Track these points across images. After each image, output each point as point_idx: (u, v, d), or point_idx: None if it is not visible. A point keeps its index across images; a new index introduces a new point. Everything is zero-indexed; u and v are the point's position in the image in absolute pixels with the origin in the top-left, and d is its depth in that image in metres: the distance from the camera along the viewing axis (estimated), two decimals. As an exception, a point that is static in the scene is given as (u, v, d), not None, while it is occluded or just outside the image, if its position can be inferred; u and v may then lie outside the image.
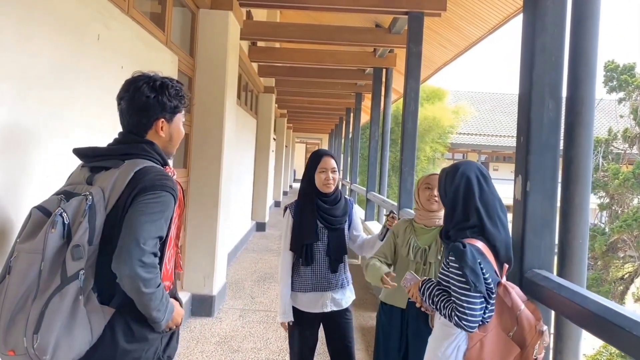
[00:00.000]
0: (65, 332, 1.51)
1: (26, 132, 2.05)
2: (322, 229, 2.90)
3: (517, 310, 1.91)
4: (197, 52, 5.10)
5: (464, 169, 2.10)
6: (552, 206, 2.30)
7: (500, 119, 31.76)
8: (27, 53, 2.02)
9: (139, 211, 1.62)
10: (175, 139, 1.90)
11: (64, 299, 1.50)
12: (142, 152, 1.75)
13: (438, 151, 22.36)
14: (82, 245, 1.54)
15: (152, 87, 1.77)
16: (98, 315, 1.59)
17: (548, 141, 2.29)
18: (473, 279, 1.84)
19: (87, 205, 1.57)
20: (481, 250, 1.93)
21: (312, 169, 2.93)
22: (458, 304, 1.89)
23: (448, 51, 7.55)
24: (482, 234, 1.98)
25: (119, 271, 1.59)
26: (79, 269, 1.53)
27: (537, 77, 2.30)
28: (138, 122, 1.78)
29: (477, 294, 1.85)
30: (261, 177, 11.71)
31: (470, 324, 1.87)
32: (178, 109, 1.85)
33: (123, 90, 1.80)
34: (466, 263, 1.85)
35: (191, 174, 5.20)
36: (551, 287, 2.03)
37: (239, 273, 7.26)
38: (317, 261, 2.91)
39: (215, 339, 4.60)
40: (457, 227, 2.05)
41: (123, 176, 1.65)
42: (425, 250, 2.63)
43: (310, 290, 2.91)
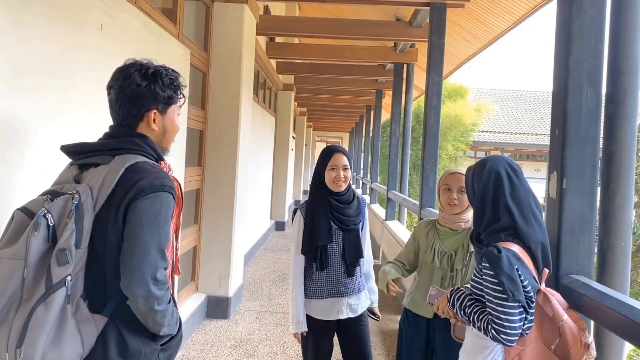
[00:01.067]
0: (53, 346, 1.36)
1: (19, 127, 1.91)
2: (337, 230, 2.71)
3: (559, 321, 1.71)
4: (211, 47, 4.97)
5: (492, 164, 1.90)
6: (591, 206, 2.08)
7: (524, 116, 31.19)
8: (18, 42, 1.89)
9: (144, 220, 1.48)
10: (169, 133, 1.73)
11: (50, 309, 1.35)
12: (133, 146, 1.59)
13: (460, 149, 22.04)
14: (68, 249, 1.39)
15: (144, 75, 1.61)
16: (89, 326, 1.44)
17: (587, 134, 2.08)
18: (511, 287, 1.65)
19: (74, 204, 1.42)
20: (518, 254, 1.73)
21: (322, 166, 2.74)
22: (495, 316, 1.70)
23: (471, 45, 7.30)
24: (516, 235, 1.78)
25: (130, 292, 1.47)
26: (65, 275, 1.38)
27: (574, 64, 2.09)
28: (128, 113, 1.61)
29: (515, 303, 1.66)
30: (280, 176, 11.59)
31: (509, 337, 1.67)
32: (172, 100, 1.68)
33: (113, 79, 1.64)
34: (502, 270, 1.66)
35: (206, 172, 5.07)
36: (592, 296, 1.82)
37: (256, 273, 7.14)
38: (332, 265, 2.72)
39: (230, 343, 4.46)
40: (488, 230, 1.85)
41: (113, 173, 1.49)
42: (452, 255, 2.45)
43: (326, 297, 2.72)
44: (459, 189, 2.45)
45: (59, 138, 2.14)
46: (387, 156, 10.15)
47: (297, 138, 16.47)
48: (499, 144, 28.45)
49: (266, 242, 9.72)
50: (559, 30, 2.17)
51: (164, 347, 1.63)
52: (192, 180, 4.71)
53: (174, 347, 1.69)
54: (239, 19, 4.95)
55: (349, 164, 2.72)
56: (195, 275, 5.09)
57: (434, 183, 5.25)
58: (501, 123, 29.78)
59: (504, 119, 30.28)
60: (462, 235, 2.47)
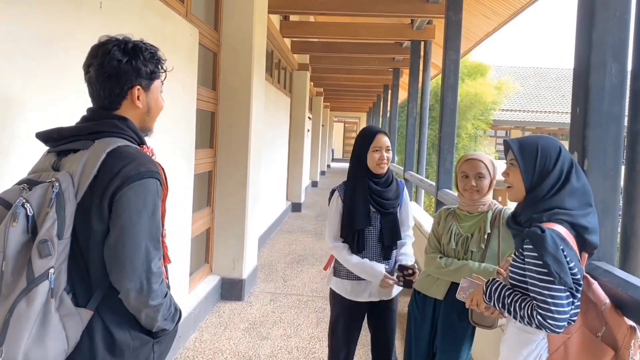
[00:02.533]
0: (36, 343, 1.30)
1: (11, 111, 1.85)
2: (375, 214, 2.67)
3: (601, 305, 1.61)
4: (222, 26, 4.87)
5: (564, 149, 1.76)
6: (614, 188, 1.97)
7: (546, 94, 30.54)
8: (7, 21, 1.81)
9: (132, 209, 1.40)
10: (153, 111, 1.63)
11: (32, 304, 1.28)
12: (113, 129, 1.49)
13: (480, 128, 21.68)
14: (50, 240, 1.31)
15: (124, 50, 1.51)
16: (74, 320, 1.37)
17: (610, 112, 1.96)
18: (556, 268, 1.53)
19: (54, 193, 1.34)
20: (562, 235, 1.60)
21: (363, 148, 2.66)
22: (540, 300, 1.58)
23: (490, 21, 7.09)
24: (572, 220, 1.66)
25: (122, 286, 1.40)
26: (48, 268, 1.31)
27: (597, 37, 1.97)
28: (110, 91, 1.52)
29: (562, 286, 1.55)
30: (296, 157, 11.51)
31: (557, 322, 1.56)
32: (155, 75, 1.59)
33: (90, 56, 1.53)
34: (547, 250, 1.55)
35: (218, 154, 5.02)
36: (615, 284, 1.73)
37: (272, 255, 7.12)
38: (368, 248, 2.68)
39: (244, 325, 4.44)
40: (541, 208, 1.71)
41: (94, 158, 1.41)
42: (468, 238, 2.41)
43: (357, 278, 2.69)
44: (477, 175, 2.40)
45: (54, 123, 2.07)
46: (405, 136, 9.99)
47: (314, 119, 16.36)
48: (519, 122, 27.95)
49: (282, 223, 9.70)
50: (582, 1, 2.04)
51: (157, 340, 1.56)
52: (204, 162, 4.66)
53: (168, 339, 1.61)
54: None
55: (390, 146, 2.68)
56: (209, 258, 5.07)
57: (451, 164, 5.13)
58: (522, 101, 29.22)
59: (525, 97, 29.69)
60: (479, 218, 2.43)
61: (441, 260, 2.45)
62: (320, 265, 6.57)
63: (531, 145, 1.78)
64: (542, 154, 1.74)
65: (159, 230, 1.47)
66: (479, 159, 2.43)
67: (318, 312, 4.88)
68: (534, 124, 28.15)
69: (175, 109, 3.37)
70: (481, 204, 2.44)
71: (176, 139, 3.50)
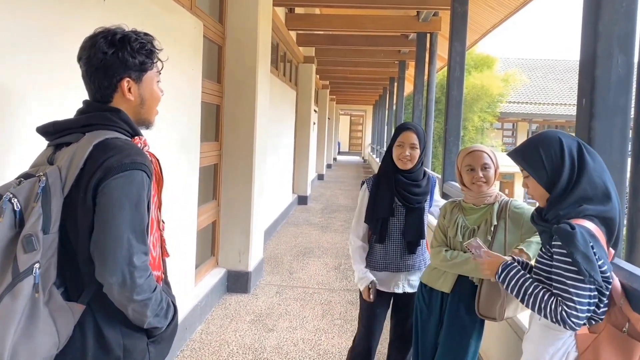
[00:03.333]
0: (24, 337, 1.29)
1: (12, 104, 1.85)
2: (400, 207, 2.71)
3: (619, 301, 1.61)
4: (226, 19, 4.86)
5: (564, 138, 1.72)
6: (620, 180, 1.96)
7: (553, 86, 30.34)
8: (9, 14, 1.81)
9: (114, 202, 1.36)
10: (149, 102, 1.59)
11: (17, 299, 1.27)
12: (105, 121, 1.47)
13: (487, 121, 21.60)
14: (35, 235, 1.30)
15: (111, 42, 1.47)
16: (64, 314, 1.36)
17: (616, 104, 1.95)
18: (587, 267, 1.52)
19: (40, 187, 1.33)
20: (592, 232, 1.59)
21: (392, 143, 2.75)
22: (566, 297, 1.58)
23: (497, 12, 7.03)
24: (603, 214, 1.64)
25: (104, 280, 1.36)
26: (32, 263, 1.29)
27: (604, 27, 1.95)
28: (100, 84, 1.49)
29: (591, 285, 1.54)
30: (302, 150, 11.51)
31: (579, 320, 1.57)
32: (146, 65, 1.55)
33: (81, 49, 1.51)
34: (577, 248, 1.53)
35: (223, 147, 5.02)
36: (621, 276, 1.72)
37: (278, 248, 7.13)
38: (391, 240, 2.74)
39: (250, 317, 4.46)
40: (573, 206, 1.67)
41: (81, 151, 1.39)
42: (474, 230, 2.40)
43: (382, 270, 2.76)
44: (483, 166, 2.38)
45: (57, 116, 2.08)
46: (410, 129, 9.94)
47: (320, 112, 16.34)
48: (526, 114, 27.80)
49: (288, 216, 9.71)
50: (588, -9, 2.02)
51: (152, 340, 1.52)
52: (210, 155, 4.67)
53: (165, 339, 1.58)
54: (255, -12, 4.82)
55: (418, 143, 2.68)
56: (215, 250, 5.10)
57: (456, 156, 5.11)
58: (529, 93, 29.04)
59: (532, 89, 29.50)
60: (485, 210, 2.41)
61: (447, 253, 2.45)
62: (326, 258, 6.59)
63: (532, 150, 1.76)
64: (545, 153, 1.72)
65: (143, 222, 1.43)
66: (481, 150, 2.42)
67: (324, 304, 4.89)
68: (541, 116, 27.99)
69: (179, 102, 3.38)
70: (487, 196, 2.42)
71: (181, 132, 3.50)
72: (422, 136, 2.70)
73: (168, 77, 1.67)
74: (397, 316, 2.88)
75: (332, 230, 8.57)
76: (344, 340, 4.05)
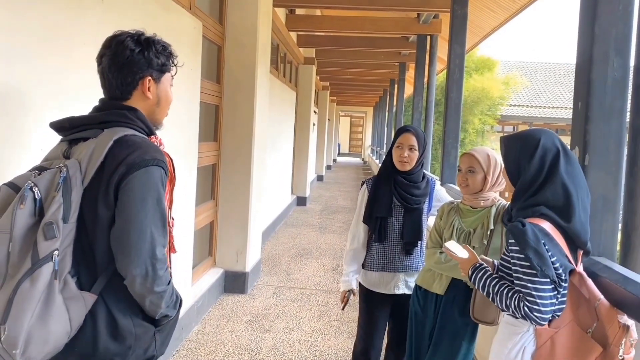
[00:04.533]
0: (39, 322, 1.32)
1: (14, 101, 1.86)
2: (398, 207, 2.74)
3: (595, 301, 1.62)
4: (226, 19, 4.86)
5: (546, 139, 1.72)
6: (615, 183, 1.96)
7: (554, 89, 30.33)
8: (11, 11, 1.82)
9: (137, 197, 1.43)
10: (163, 103, 1.67)
11: (36, 284, 1.31)
12: (122, 119, 1.53)
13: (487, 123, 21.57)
14: (55, 223, 1.34)
15: (137, 41, 1.56)
16: (77, 303, 1.40)
17: (612, 107, 1.95)
18: (538, 262, 1.56)
19: (61, 178, 1.37)
20: (546, 230, 1.62)
21: (392, 144, 2.78)
22: (526, 293, 1.62)
23: (497, 15, 7.04)
24: (562, 214, 1.65)
25: (128, 272, 1.43)
26: (52, 250, 1.34)
27: (600, 30, 1.95)
28: (122, 80, 1.56)
29: (545, 279, 1.57)
30: (302, 151, 11.51)
31: (542, 314, 1.60)
32: (166, 67, 1.64)
33: (104, 47, 1.58)
34: (527, 244, 1.58)
35: (222, 147, 5.02)
36: (614, 279, 1.72)
37: (276, 248, 7.13)
38: (390, 240, 2.75)
39: (246, 318, 4.46)
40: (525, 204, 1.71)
41: (101, 146, 1.44)
42: (470, 233, 2.39)
43: (381, 270, 2.77)
44: (467, 169, 2.38)
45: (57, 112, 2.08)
46: (410, 131, 9.94)
47: (320, 113, 16.34)
48: (527, 118, 27.76)
49: (287, 217, 9.71)
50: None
51: (159, 328, 1.58)
52: (208, 155, 4.67)
53: (169, 328, 1.64)
54: (255, -11, 4.83)
55: (417, 145, 2.70)
56: (213, 250, 5.09)
57: (455, 159, 5.12)
58: (530, 96, 29.03)
59: (533, 92, 29.49)
60: (482, 214, 2.40)
61: (441, 255, 2.45)
62: (323, 259, 6.58)
63: (510, 142, 1.81)
64: (520, 149, 1.76)
65: (164, 216, 1.50)
66: (472, 153, 2.41)
67: (321, 305, 4.89)
68: (541, 120, 27.96)
69: (179, 101, 3.36)
70: (483, 199, 2.40)
71: (180, 131, 3.50)
72: (421, 138, 2.72)
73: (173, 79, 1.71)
74: (394, 318, 2.88)
75: (331, 231, 8.56)
76: (341, 341, 4.05)
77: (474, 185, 2.37)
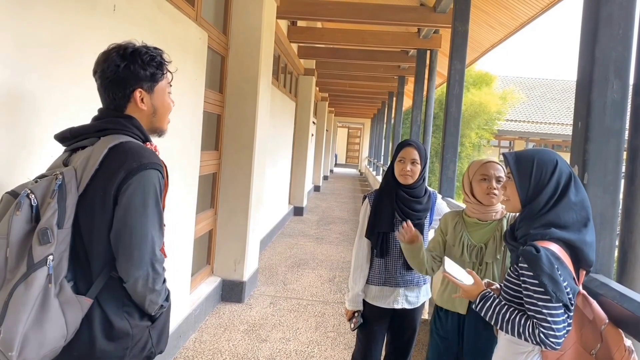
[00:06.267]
0: (35, 326, 1.35)
1: (25, 109, 1.89)
2: (400, 222, 2.68)
3: (601, 324, 1.63)
4: (230, 30, 4.92)
5: (562, 162, 1.74)
6: (613, 202, 2.00)
7: (551, 105, 30.58)
8: (26, 21, 1.86)
9: (137, 201, 1.48)
10: (160, 112, 1.70)
11: (30, 288, 1.35)
12: (118, 126, 1.57)
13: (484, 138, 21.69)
14: (50, 228, 1.38)
15: (122, 56, 1.58)
16: (73, 307, 1.43)
17: (611, 127, 1.99)
18: (553, 288, 1.56)
19: (57, 184, 1.42)
20: (557, 254, 1.62)
21: (394, 158, 2.78)
22: (540, 319, 1.60)
23: (497, 32, 7.13)
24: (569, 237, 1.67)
25: (130, 275, 1.48)
26: (47, 255, 1.38)
27: (600, 52, 2.00)
28: (114, 96, 1.60)
29: (558, 304, 1.58)
30: (300, 161, 11.54)
31: (557, 339, 1.59)
32: (157, 77, 1.65)
33: (96, 64, 1.62)
34: (543, 270, 1.57)
35: (223, 157, 5.05)
36: (611, 296, 1.76)
37: (273, 258, 7.14)
38: (391, 255, 2.75)
39: (243, 327, 4.47)
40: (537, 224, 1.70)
41: (96, 153, 1.49)
42: (482, 248, 2.30)
43: (382, 284, 2.77)
44: (497, 178, 2.30)
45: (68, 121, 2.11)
46: (408, 144, 10.00)
47: (318, 123, 16.40)
48: (524, 133, 27.96)
49: (284, 227, 9.72)
50: (586, 17, 2.08)
51: (153, 325, 1.63)
52: (209, 164, 4.70)
53: (162, 323, 1.68)
54: (259, 1, 4.89)
55: (419, 158, 2.70)
56: (211, 259, 5.11)
57: (453, 173, 5.16)
58: (527, 112, 29.24)
59: (530, 107, 29.72)
60: (492, 227, 2.32)
61: None
62: (320, 270, 6.60)
63: (527, 159, 1.77)
64: (537, 168, 1.74)
65: (161, 217, 1.55)
66: (496, 162, 2.35)
67: (317, 316, 4.90)
68: (538, 135, 28.15)
69: (182, 110, 3.42)
70: (494, 212, 2.34)
71: (182, 140, 3.54)
72: (423, 152, 2.72)
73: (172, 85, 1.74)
74: (392, 331, 2.88)
75: (327, 242, 8.58)
76: (337, 352, 4.06)
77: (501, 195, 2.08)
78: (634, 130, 2.07)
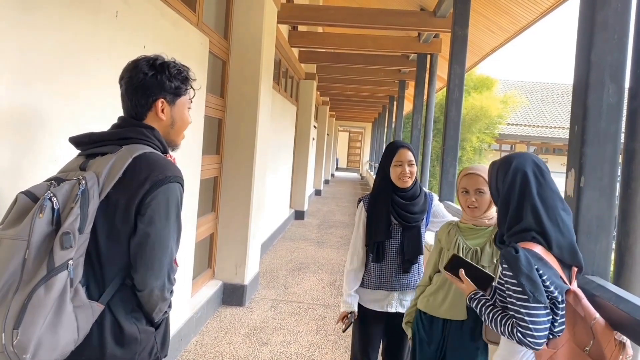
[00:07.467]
0: (49, 330, 1.36)
1: (30, 114, 1.92)
2: (397, 226, 2.71)
3: (591, 320, 1.65)
4: (231, 35, 4.96)
5: (518, 162, 1.80)
6: (609, 205, 2.02)
7: (552, 109, 30.61)
8: (30, 28, 1.89)
9: (162, 213, 1.52)
10: (178, 126, 1.74)
11: (50, 292, 1.35)
12: (140, 136, 1.60)
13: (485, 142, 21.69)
14: (72, 233, 1.39)
15: (151, 65, 1.63)
16: (86, 312, 1.45)
17: (607, 131, 2.01)
18: (530, 288, 1.59)
19: (80, 190, 1.43)
20: (539, 254, 1.65)
21: (387, 162, 2.73)
22: (519, 318, 1.65)
23: (496, 36, 7.15)
24: (541, 236, 1.71)
25: (147, 285, 1.52)
26: (67, 259, 1.39)
27: (596, 57, 2.02)
28: (137, 102, 1.63)
29: (537, 304, 1.60)
30: (301, 165, 11.57)
31: (536, 339, 1.62)
32: (180, 91, 1.70)
33: (124, 71, 1.66)
34: (521, 271, 1.60)
35: (224, 161, 5.08)
36: (607, 298, 1.77)
37: (274, 262, 7.16)
38: (387, 259, 2.73)
39: (244, 330, 4.49)
40: (512, 231, 1.77)
41: (120, 162, 1.51)
42: (477, 252, 2.29)
43: (377, 288, 2.76)
44: (476, 191, 2.32)
45: (71, 125, 2.15)
46: (408, 147, 10.02)
47: (319, 127, 16.43)
48: (525, 137, 27.98)
49: (285, 231, 9.74)
50: (582, 22, 2.10)
51: (157, 330, 1.65)
52: (210, 168, 4.73)
53: (164, 327, 1.71)
54: (260, 7, 4.93)
55: (414, 159, 2.70)
56: (212, 263, 5.13)
57: (453, 177, 5.18)
58: (528, 116, 29.27)
59: (531, 111, 29.75)
60: (488, 231, 2.33)
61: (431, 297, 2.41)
62: (321, 274, 6.61)
63: (492, 168, 1.89)
64: (499, 174, 1.84)
65: (180, 230, 1.59)
66: (478, 173, 2.33)
67: (318, 320, 4.92)
68: (539, 139, 28.17)
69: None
70: (488, 218, 2.35)
71: (184, 144, 3.55)
72: (415, 152, 2.73)
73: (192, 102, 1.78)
74: (388, 337, 2.86)
75: (328, 246, 8.60)
76: (338, 356, 4.07)
77: (483, 206, 2.32)
78: (630, 134, 2.09)
